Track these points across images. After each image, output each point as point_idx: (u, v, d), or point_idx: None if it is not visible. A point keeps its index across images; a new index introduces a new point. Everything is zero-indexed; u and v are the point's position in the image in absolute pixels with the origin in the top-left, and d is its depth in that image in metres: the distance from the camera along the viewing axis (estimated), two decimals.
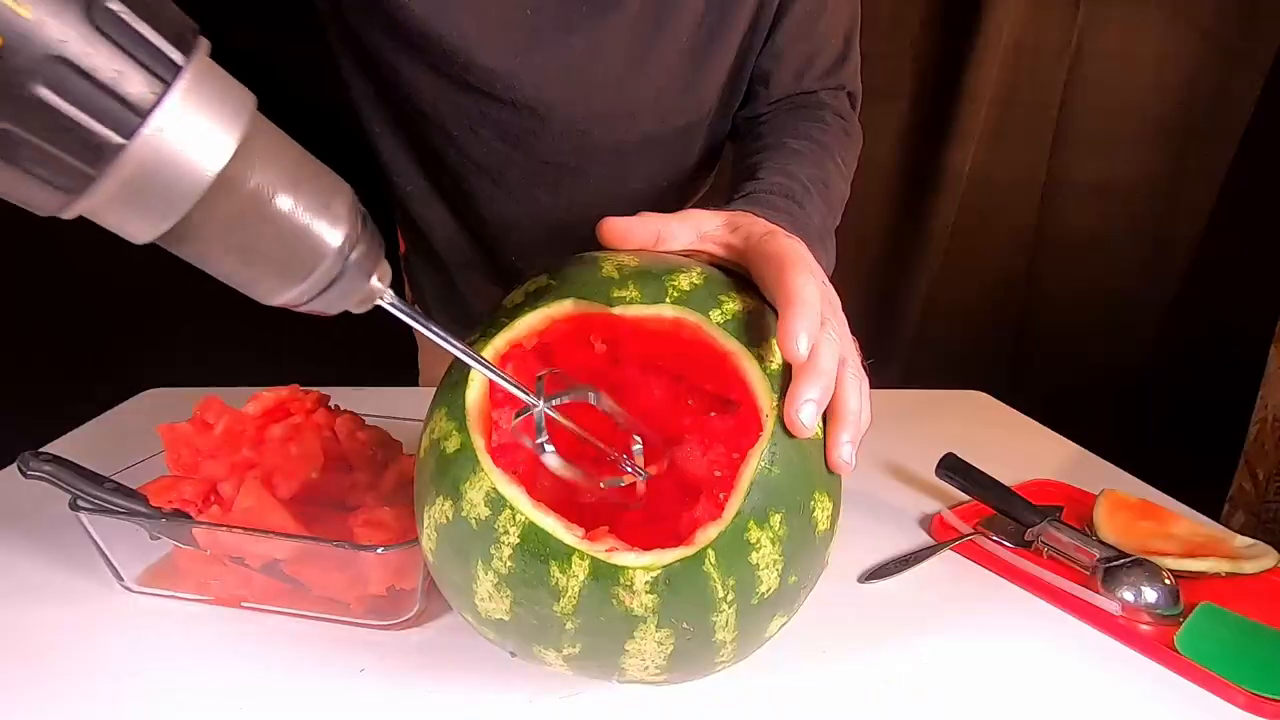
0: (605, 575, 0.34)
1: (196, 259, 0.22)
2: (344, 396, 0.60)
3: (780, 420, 0.36)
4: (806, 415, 0.35)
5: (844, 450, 0.38)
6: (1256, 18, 1.50)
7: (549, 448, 0.36)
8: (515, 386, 0.35)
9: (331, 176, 0.24)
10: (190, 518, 0.49)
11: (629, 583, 0.34)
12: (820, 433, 0.38)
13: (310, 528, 0.49)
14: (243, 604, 0.50)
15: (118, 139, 0.16)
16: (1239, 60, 1.52)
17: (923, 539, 0.65)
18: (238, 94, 0.19)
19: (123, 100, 0.16)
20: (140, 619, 0.49)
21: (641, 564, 0.34)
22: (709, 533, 0.34)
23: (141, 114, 0.16)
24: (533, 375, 0.38)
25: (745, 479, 0.35)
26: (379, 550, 0.45)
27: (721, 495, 0.36)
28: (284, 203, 0.21)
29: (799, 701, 0.45)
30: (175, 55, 0.17)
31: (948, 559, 0.62)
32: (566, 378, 0.39)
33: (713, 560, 0.34)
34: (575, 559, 0.34)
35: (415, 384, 0.99)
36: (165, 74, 0.16)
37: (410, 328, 0.29)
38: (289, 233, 0.22)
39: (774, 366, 0.37)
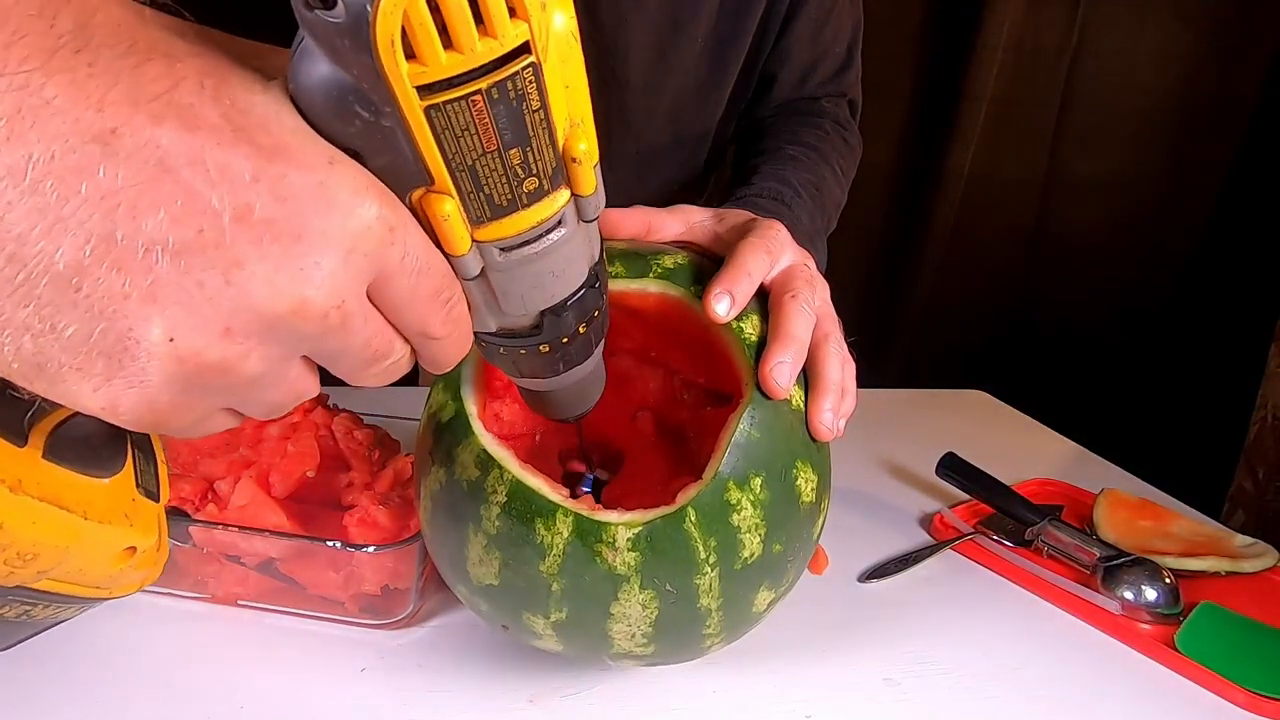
0: (588, 532, 0.35)
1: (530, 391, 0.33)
2: (344, 395, 0.60)
3: (759, 385, 0.37)
4: (781, 375, 0.37)
5: (825, 416, 0.39)
6: (1256, 18, 1.50)
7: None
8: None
9: None
10: (187, 515, 0.48)
11: (611, 539, 0.35)
12: (802, 405, 0.39)
13: (306, 526, 0.49)
14: (239, 602, 0.50)
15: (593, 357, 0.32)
16: (1239, 60, 1.52)
17: (923, 539, 0.65)
18: None
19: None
20: (138, 617, 0.49)
21: (623, 521, 0.35)
22: (689, 492, 0.35)
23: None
24: None
25: (725, 440, 0.36)
26: (371, 549, 0.45)
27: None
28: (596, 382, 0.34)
29: (799, 701, 0.45)
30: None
31: (948, 559, 0.62)
32: None
33: (693, 519, 0.35)
34: (559, 516, 0.35)
35: (415, 384, 0.99)
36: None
37: None
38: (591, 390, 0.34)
39: (753, 338, 0.39)
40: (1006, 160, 1.54)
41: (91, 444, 0.23)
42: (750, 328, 0.39)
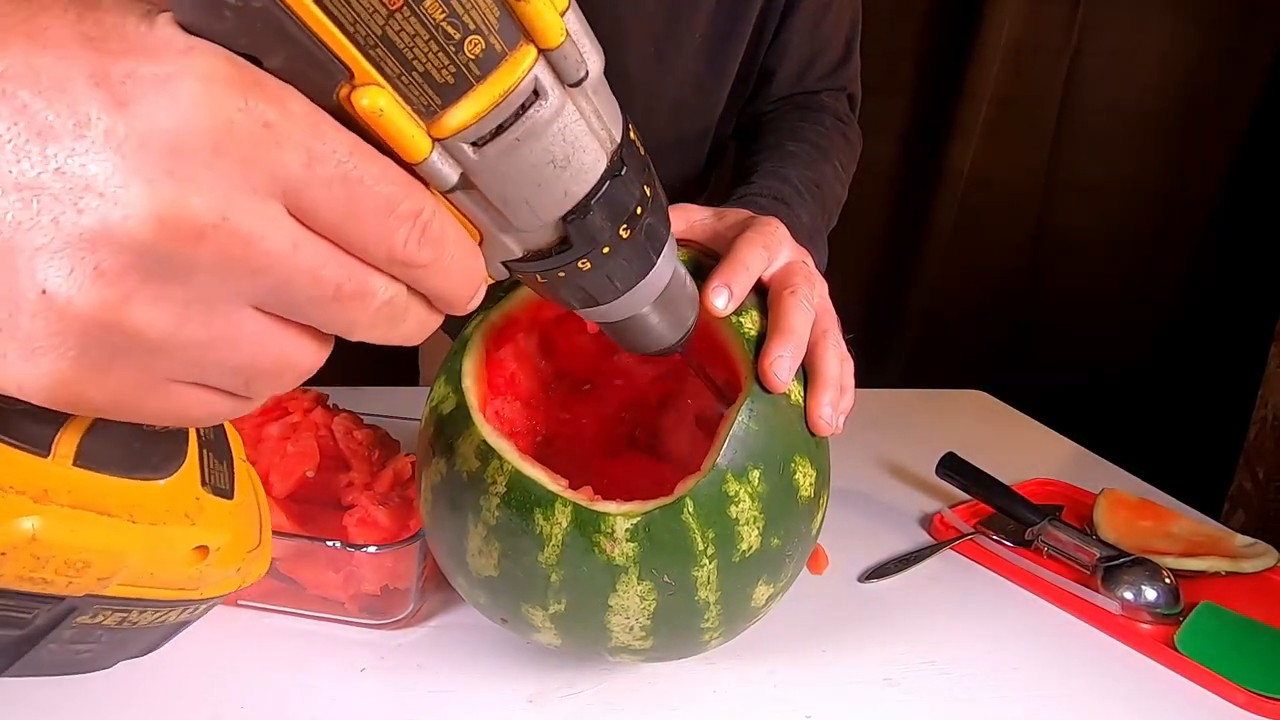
0: (587, 522, 0.35)
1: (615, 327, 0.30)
2: (343, 396, 0.60)
3: (758, 379, 0.38)
4: (780, 369, 0.37)
5: (825, 411, 0.40)
6: (1256, 17, 1.50)
7: None
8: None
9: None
10: None
11: (610, 530, 0.35)
12: (801, 400, 0.40)
13: (306, 527, 0.49)
14: (239, 602, 0.50)
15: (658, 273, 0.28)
16: (1239, 60, 1.52)
17: (923, 539, 0.65)
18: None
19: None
20: None
21: (622, 511, 0.35)
22: (688, 483, 0.35)
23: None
24: (531, 362, 0.43)
25: (723, 432, 0.36)
26: (371, 549, 0.45)
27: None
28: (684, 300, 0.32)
29: (799, 701, 0.45)
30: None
31: (948, 559, 0.62)
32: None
33: (691, 510, 0.35)
34: (558, 505, 0.35)
35: (415, 384, 0.99)
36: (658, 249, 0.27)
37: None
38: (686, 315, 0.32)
39: (752, 333, 0.39)
40: (1006, 160, 1.54)
41: (135, 447, 0.23)
42: (750, 322, 0.40)
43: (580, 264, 0.24)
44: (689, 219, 0.47)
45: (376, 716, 0.42)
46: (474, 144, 0.19)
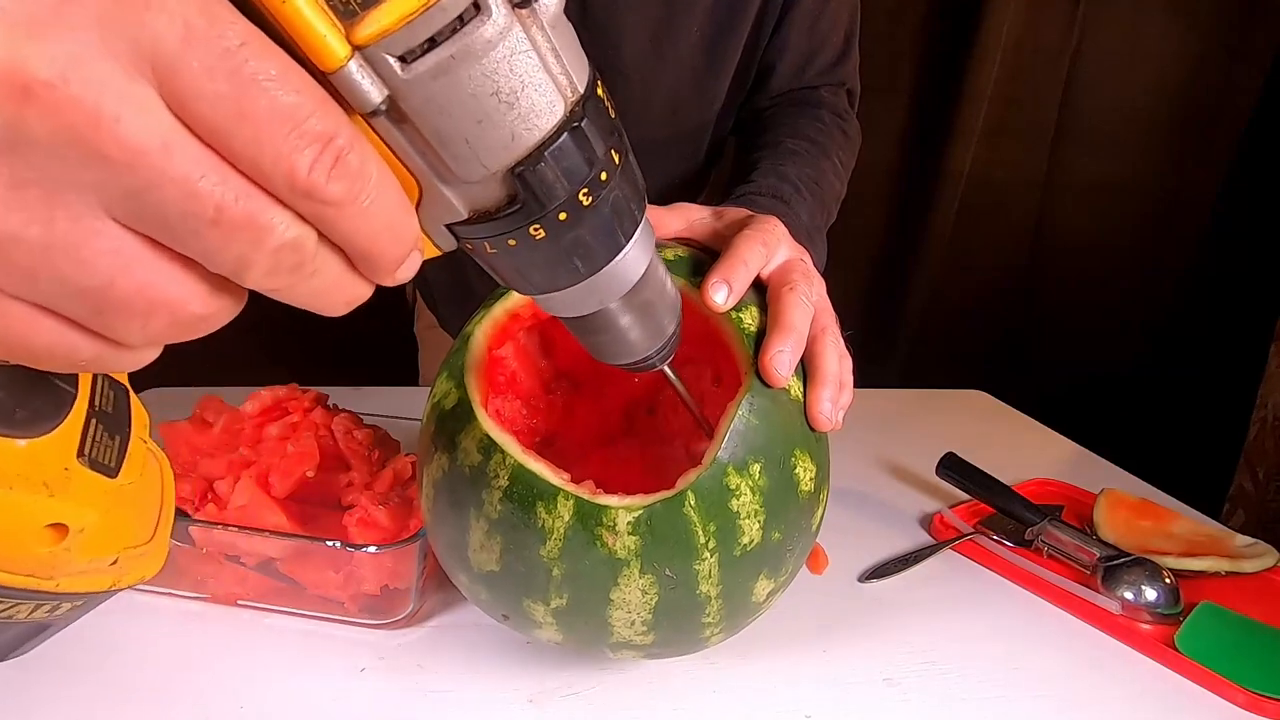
0: (589, 515, 0.35)
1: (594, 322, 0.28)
2: (344, 396, 0.60)
3: (758, 374, 0.38)
4: (780, 364, 0.38)
5: (824, 406, 0.40)
6: (1256, 17, 1.50)
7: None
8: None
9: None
10: (187, 515, 0.49)
11: (611, 523, 0.35)
12: (800, 395, 0.40)
13: (306, 526, 0.49)
14: (239, 602, 0.50)
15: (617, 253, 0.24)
16: (1239, 59, 1.52)
17: (923, 539, 0.65)
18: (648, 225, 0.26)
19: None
20: (137, 617, 0.49)
21: (624, 504, 0.35)
22: (689, 476, 0.36)
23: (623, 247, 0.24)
24: (532, 361, 0.43)
25: (724, 426, 0.36)
26: (371, 549, 0.45)
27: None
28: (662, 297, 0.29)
29: (799, 700, 0.45)
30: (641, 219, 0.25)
31: (948, 559, 0.62)
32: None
33: (693, 503, 0.35)
34: (560, 499, 0.35)
35: (415, 384, 0.99)
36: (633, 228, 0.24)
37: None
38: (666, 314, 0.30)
39: (752, 329, 0.40)
40: (1006, 160, 1.54)
41: None
42: (749, 318, 0.40)
43: (533, 230, 0.21)
44: (688, 218, 0.47)
45: (376, 716, 0.42)
46: (402, 59, 0.17)
